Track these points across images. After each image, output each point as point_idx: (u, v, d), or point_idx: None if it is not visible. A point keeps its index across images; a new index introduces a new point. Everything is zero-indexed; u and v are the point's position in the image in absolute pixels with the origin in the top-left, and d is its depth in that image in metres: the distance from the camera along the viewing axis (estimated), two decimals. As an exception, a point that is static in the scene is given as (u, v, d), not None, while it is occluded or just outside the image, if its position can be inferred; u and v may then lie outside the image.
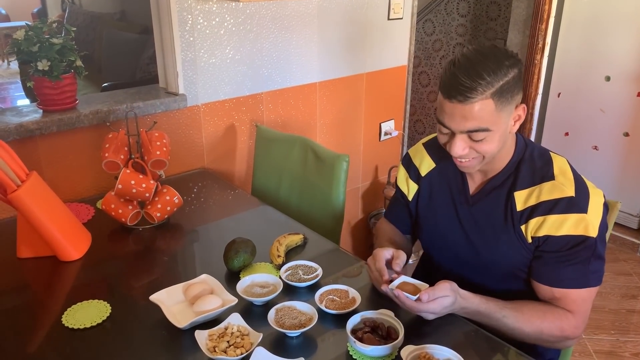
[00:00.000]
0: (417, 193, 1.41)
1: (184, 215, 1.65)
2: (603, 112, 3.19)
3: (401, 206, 1.47)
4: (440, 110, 1.14)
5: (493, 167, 1.25)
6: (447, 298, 1.11)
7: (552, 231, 1.16)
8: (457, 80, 1.07)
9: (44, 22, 1.67)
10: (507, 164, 1.24)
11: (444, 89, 1.11)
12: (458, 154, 1.16)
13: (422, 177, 1.40)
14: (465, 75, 1.07)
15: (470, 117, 1.09)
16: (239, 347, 1.05)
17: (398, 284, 1.14)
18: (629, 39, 3.00)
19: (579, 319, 1.18)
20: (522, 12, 3.31)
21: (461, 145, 1.14)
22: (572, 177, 1.19)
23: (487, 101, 1.08)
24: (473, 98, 1.07)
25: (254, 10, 2.03)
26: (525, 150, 1.25)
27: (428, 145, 1.42)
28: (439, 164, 1.37)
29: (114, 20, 4.38)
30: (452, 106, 1.10)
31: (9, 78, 6.58)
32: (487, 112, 1.09)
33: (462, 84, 1.07)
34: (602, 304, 2.65)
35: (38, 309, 1.24)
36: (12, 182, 1.31)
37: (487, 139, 1.13)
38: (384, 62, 2.59)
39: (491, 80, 1.07)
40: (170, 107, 1.90)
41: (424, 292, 1.09)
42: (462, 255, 1.31)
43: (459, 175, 1.32)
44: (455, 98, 1.08)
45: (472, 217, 1.29)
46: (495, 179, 1.26)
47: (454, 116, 1.11)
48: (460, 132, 1.12)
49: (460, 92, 1.07)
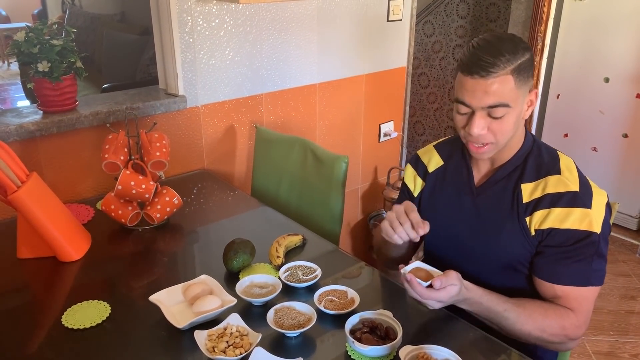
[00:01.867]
0: (423, 188, 1.42)
1: (184, 216, 1.65)
2: (602, 114, 3.20)
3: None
4: (460, 89, 1.16)
5: (502, 156, 1.27)
6: (454, 287, 1.10)
7: (557, 224, 1.17)
8: (479, 56, 1.12)
9: (44, 24, 1.68)
10: (515, 154, 1.26)
11: (465, 67, 1.14)
12: (477, 132, 1.16)
13: (429, 173, 1.41)
14: (486, 52, 1.12)
15: (492, 92, 1.12)
16: (238, 347, 1.05)
17: (411, 269, 1.13)
18: (627, 41, 3.01)
19: (580, 318, 1.18)
20: (521, 13, 3.31)
21: (480, 123, 1.16)
22: (577, 175, 1.22)
23: (507, 77, 1.12)
24: (495, 73, 1.11)
25: (254, 12, 2.04)
26: (533, 144, 1.28)
27: (438, 146, 1.44)
28: (447, 161, 1.39)
29: (114, 22, 4.39)
30: (473, 82, 1.13)
31: (9, 79, 6.59)
32: (507, 88, 1.12)
33: (484, 60, 1.11)
34: (601, 305, 2.66)
35: (38, 309, 1.24)
36: (12, 183, 1.32)
37: (505, 118, 1.15)
38: (384, 63, 2.59)
39: (510, 58, 1.11)
40: (170, 108, 1.91)
41: (437, 279, 1.08)
42: (464, 247, 1.32)
43: (464, 167, 1.34)
44: (477, 74, 1.12)
45: (476, 208, 1.30)
46: (502, 170, 1.27)
47: (475, 92, 1.13)
48: (482, 107, 1.14)
49: (482, 67, 1.11)
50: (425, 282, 1.09)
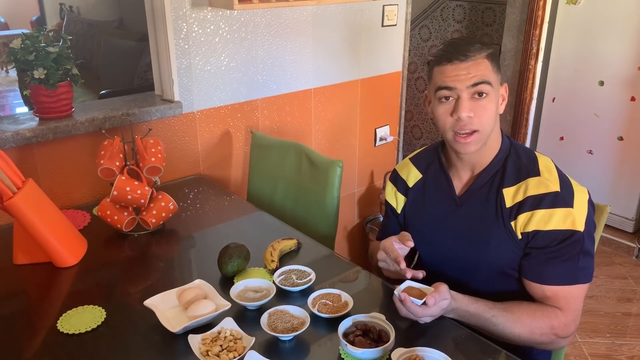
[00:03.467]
0: (405, 204, 1.43)
1: (180, 221, 1.66)
2: (597, 117, 3.21)
3: (393, 224, 1.48)
4: (441, 78, 1.21)
5: (481, 160, 1.28)
6: (445, 300, 1.13)
7: (541, 226, 1.19)
8: (454, 46, 1.21)
9: (41, 31, 1.69)
10: (494, 158, 1.28)
11: (443, 57, 1.21)
12: (465, 115, 1.19)
13: (409, 188, 1.42)
14: (460, 43, 1.21)
15: (474, 71, 1.19)
16: (231, 351, 1.06)
17: (404, 289, 1.15)
18: (622, 44, 3.02)
19: (569, 316, 1.19)
20: (516, 17, 3.33)
21: (467, 105, 1.19)
22: (557, 175, 1.23)
23: (484, 60, 1.20)
24: (473, 56, 1.19)
25: (249, 18, 2.05)
26: (510, 147, 1.30)
27: (414, 158, 1.45)
28: (426, 173, 1.40)
29: (112, 28, 4.41)
30: (454, 67, 1.19)
31: (7, 86, 6.59)
32: (486, 69, 1.20)
33: (460, 47, 1.20)
34: (597, 307, 2.66)
35: (34, 314, 1.25)
36: (8, 190, 1.33)
37: (488, 100, 1.20)
38: (379, 68, 2.61)
39: (482, 47, 1.21)
40: (166, 114, 1.92)
41: (431, 297, 1.10)
42: (452, 257, 1.33)
43: (443, 177, 1.35)
44: (457, 59, 1.19)
45: (460, 218, 1.31)
46: (482, 177, 1.28)
47: (458, 75, 1.19)
48: (467, 87, 1.18)
49: (460, 52, 1.19)
50: (419, 299, 1.11)
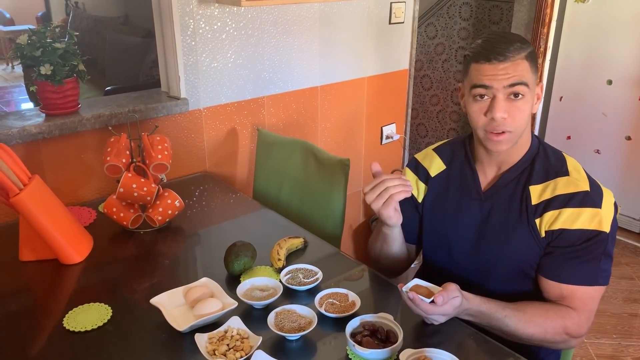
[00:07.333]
0: (426, 193, 1.41)
1: (186, 219, 1.66)
2: (605, 116, 3.19)
3: (409, 210, 1.40)
4: (478, 76, 1.19)
5: (509, 159, 1.27)
6: (456, 299, 1.11)
7: (568, 224, 1.18)
8: (493, 45, 1.17)
9: (47, 27, 1.68)
10: (523, 157, 1.27)
11: (482, 55, 1.18)
12: (500, 115, 1.17)
13: (431, 177, 1.40)
14: (499, 41, 1.18)
15: (512, 71, 1.16)
16: (238, 351, 1.05)
17: (412, 287, 1.13)
18: (630, 43, 3.00)
19: (582, 317, 1.18)
20: (523, 15, 3.31)
21: (502, 106, 1.17)
22: (585, 175, 1.23)
23: (523, 61, 1.17)
24: (512, 56, 1.16)
25: (256, 15, 2.04)
26: (539, 147, 1.29)
27: (438, 149, 1.43)
28: (450, 165, 1.38)
29: (117, 24, 4.40)
30: (492, 67, 1.16)
31: (13, 82, 6.61)
32: (524, 70, 1.17)
33: (500, 46, 1.16)
34: (604, 307, 2.65)
35: (40, 311, 1.25)
36: (14, 186, 1.32)
37: (523, 101, 1.18)
38: (386, 66, 2.59)
39: (522, 46, 1.18)
40: (172, 111, 1.91)
41: (439, 295, 1.09)
42: (468, 254, 1.31)
43: (469, 171, 1.33)
44: (496, 59, 1.16)
45: (483, 213, 1.29)
46: (509, 174, 1.27)
47: (496, 75, 1.16)
48: (503, 87, 1.16)
49: (500, 52, 1.16)
50: (427, 298, 1.09)
